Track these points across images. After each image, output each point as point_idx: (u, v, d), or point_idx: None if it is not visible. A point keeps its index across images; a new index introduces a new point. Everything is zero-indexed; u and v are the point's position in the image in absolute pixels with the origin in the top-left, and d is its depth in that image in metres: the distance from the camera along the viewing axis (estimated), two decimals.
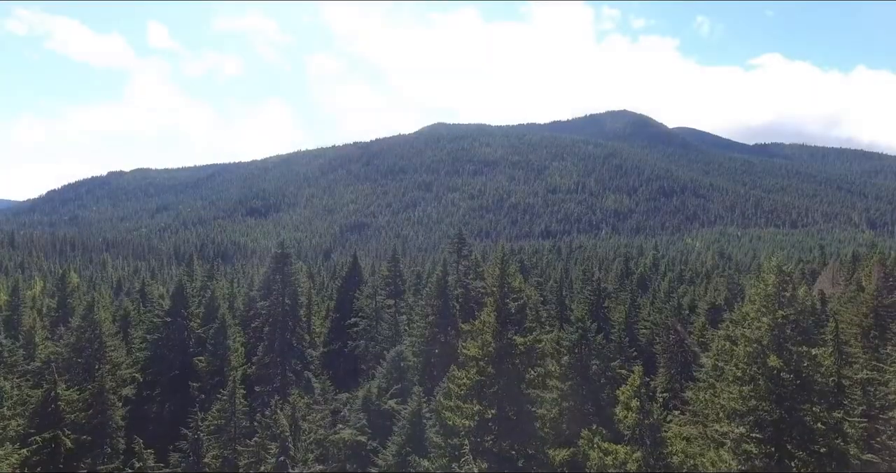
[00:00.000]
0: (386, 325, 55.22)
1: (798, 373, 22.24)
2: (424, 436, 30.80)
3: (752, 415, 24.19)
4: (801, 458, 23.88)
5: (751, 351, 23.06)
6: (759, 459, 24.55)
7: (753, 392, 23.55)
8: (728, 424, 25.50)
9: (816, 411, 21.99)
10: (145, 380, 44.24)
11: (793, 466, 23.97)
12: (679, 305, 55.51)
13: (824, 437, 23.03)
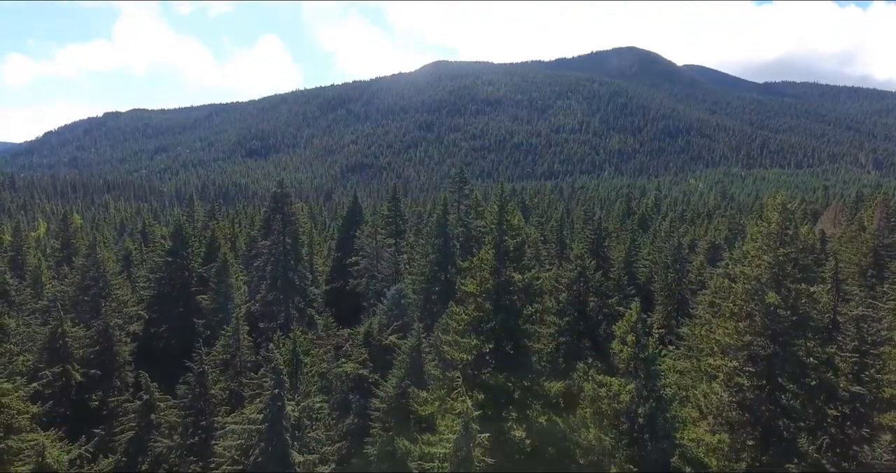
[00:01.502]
0: (386, 264, 55.63)
1: (795, 310, 22.39)
2: (424, 369, 31.58)
3: (746, 350, 24.60)
4: (792, 391, 24.46)
5: (749, 289, 23.13)
6: (750, 391, 25.18)
7: (749, 328, 23.83)
8: (722, 358, 26.00)
9: (810, 346, 22.32)
10: (151, 318, 45.01)
11: (782, 398, 24.61)
12: (679, 244, 55.56)
13: (815, 371, 23.51)
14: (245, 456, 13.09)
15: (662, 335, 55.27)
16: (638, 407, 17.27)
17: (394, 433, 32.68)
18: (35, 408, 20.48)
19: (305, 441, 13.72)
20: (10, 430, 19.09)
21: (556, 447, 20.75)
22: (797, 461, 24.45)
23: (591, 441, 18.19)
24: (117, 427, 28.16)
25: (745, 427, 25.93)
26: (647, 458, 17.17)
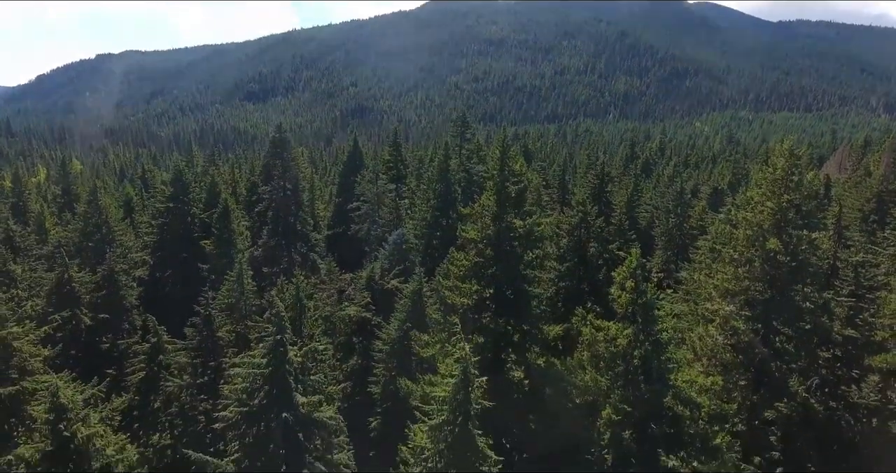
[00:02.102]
0: (387, 209, 55.56)
1: (794, 256, 22.47)
2: (425, 313, 32.18)
3: (744, 295, 24.90)
4: (786, 334, 24.95)
5: (750, 235, 23.13)
6: (745, 335, 25.68)
7: (748, 273, 24.01)
8: (719, 303, 26.36)
9: (807, 292, 22.54)
10: (155, 263, 45.48)
11: (776, 341, 25.14)
12: (681, 190, 55.25)
13: (811, 315, 23.85)
14: (251, 398, 13.55)
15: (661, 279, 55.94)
16: (634, 351, 17.67)
17: (396, 373, 33.73)
18: (47, 351, 21.03)
19: (308, 384, 14.15)
20: (23, 372, 19.69)
21: (553, 387, 21.41)
22: (786, 400, 25.27)
23: (587, 383, 18.73)
24: (128, 368, 29.00)
25: (738, 368, 26.62)
26: (641, 398, 17.72)
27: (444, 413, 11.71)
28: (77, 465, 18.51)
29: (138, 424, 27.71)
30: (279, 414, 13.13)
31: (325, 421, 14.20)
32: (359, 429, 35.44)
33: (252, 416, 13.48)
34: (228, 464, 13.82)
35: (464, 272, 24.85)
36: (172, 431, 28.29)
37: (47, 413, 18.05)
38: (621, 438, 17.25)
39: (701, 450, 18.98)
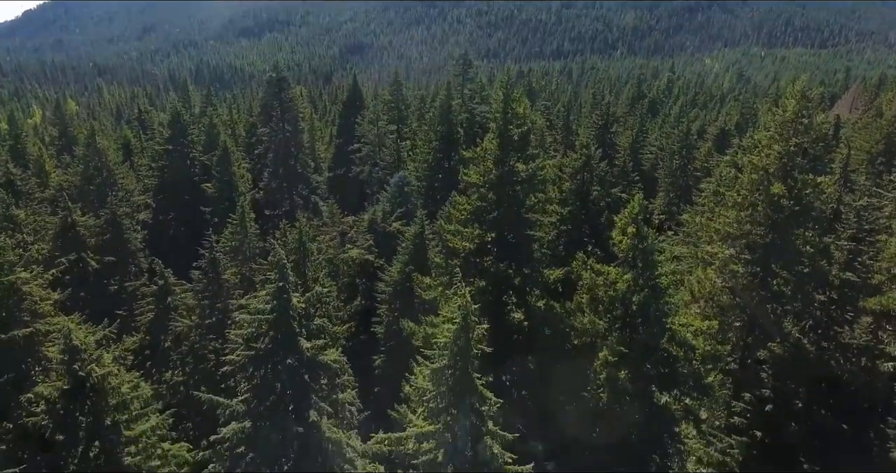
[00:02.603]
0: (388, 151, 54.96)
1: (798, 200, 22.36)
2: (427, 256, 32.49)
3: (744, 239, 24.99)
4: (784, 277, 25.23)
5: (755, 179, 22.92)
6: (743, 278, 26.00)
7: (750, 217, 23.98)
8: (719, 246, 26.51)
9: (808, 236, 22.58)
10: (158, 206, 45.55)
11: (773, 284, 25.47)
12: (687, 131, 54.28)
13: (810, 259, 24.01)
14: (257, 343, 13.93)
15: (662, 221, 56.04)
16: (633, 296, 17.94)
17: (399, 314, 34.49)
18: (56, 295, 21.43)
19: (312, 329, 14.50)
20: (35, 315, 20.14)
21: (552, 329, 21.91)
22: (780, 341, 25.93)
23: (585, 325, 19.15)
24: (137, 309, 29.66)
25: (734, 310, 27.13)
26: (638, 341, 18.17)
27: (446, 357, 12.06)
28: (94, 403, 19.27)
29: (150, 362, 28.65)
30: (285, 358, 13.54)
31: (330, 364, 14.66)
32: (363, 367, 36.67)
33: (258, 360, 13.91)
34: (238, 404, 14.39)
35: (466, 216, 24.86)
36: (184, 369, 29.31)
37: (61, 354, 18.62)
38: (617, 378, 17.84)
39: (693, 388, 19.67)
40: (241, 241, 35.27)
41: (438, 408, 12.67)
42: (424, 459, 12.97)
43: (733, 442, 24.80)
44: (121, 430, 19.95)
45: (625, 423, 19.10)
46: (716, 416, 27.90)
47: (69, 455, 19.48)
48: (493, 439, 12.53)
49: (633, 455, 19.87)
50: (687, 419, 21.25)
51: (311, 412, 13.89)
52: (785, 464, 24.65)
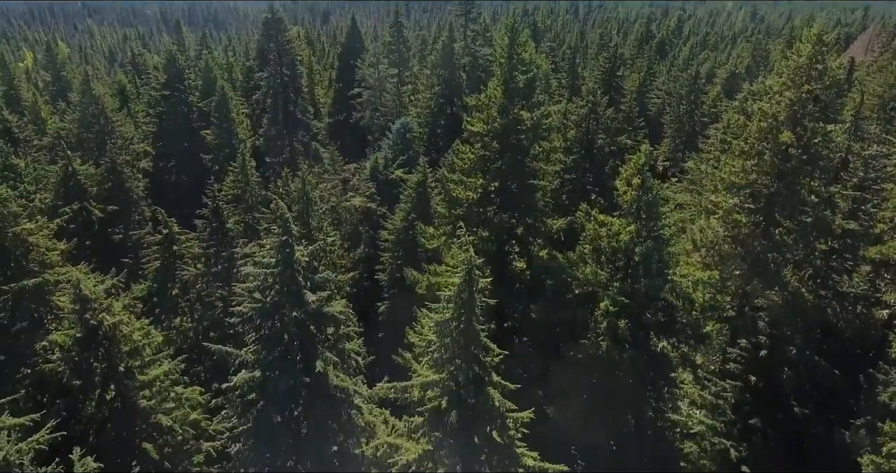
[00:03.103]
0: (390, 96, 53.80)
1: (806, 149, 22.03)
2: (430, 205, 32.45)
3: (750, 188, 24.81)
4: (787, 227, 25.23)
5: (764, 127, 22.48)
6: (746, 227, 26.02)
7: (756, 166, 23.70)
8: (724, 195, 26.37)
9: (814, 185, 22.40)
10: (158, 154, 45.12)
11: (776, 234, 25.51)
12: (696, 74, 52.76)
13: (814, 208, 23.92)
14: (263, 295, 14.16)
15: (667, 168, 55.50)
16: (636, 247, 18.00)
17: (402, 263, 34.83)
18: (63, 245, 21.59)
19: (316, 281, 14.68)
20: (43, 265, 20.39)
21: (554, 279, 22.15)
22: (778, 289, 26.25)
23: (587, 275, 19.34)
24: (144, 258, 29.96)
25: (735, 259, 27.33)
26: (639, 291, 18.40)
27: (450, 310, 12.28)
28: (108, 350, 19.85)
29: (159, 309, 29.23)
30: (291, 311, 13.79)
31: (335, 315, 14.95)
32: (368, 312, 37.43)
33: (265, 312, 14.19)
34: (248, 354, 14.80)
35: (469, 165, 24.63)
36: (192, 315, 29.95)
37: (72, 304, 19.00)
38: (617, 327, 18.20)
39: (691, 337, 20.11)
40: (243, 190, 35.17)
41: (443, 359, 13.03)
42: (429, 406, 13.47)
43: (727, 386, 25.63)
44: (135, 375, 20.66)
45: (623, 369, 19.65)
46: (711, 361, 28.70)
47: (87, 398, 20.27)
48: (495, 388, 12.97)
49: (629, 399, 20.56)
50: (684, 365, 21.86)
51: (317, 362, 14.30)
52: (777, 408, 25.53)
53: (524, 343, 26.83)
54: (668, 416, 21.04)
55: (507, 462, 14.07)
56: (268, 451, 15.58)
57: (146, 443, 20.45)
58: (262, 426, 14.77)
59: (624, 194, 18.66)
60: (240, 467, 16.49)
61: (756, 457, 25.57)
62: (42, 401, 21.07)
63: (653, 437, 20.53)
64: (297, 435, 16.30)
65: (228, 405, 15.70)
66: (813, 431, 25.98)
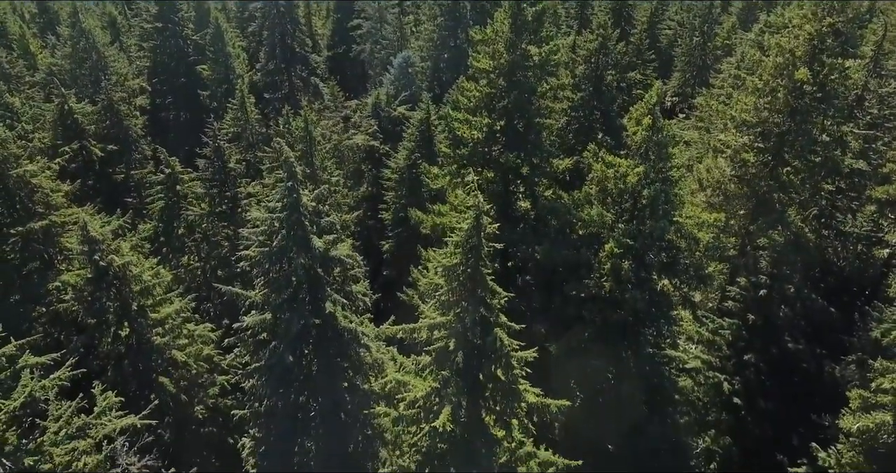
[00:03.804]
0: (391, 28, 51.66)
1: (822, 86, 21.40)
2: (433, 143, 31.97)
3: (761, 127, 24.35)
4: (794, 166, 24.97)
5: (780, 63, 21.74)
6: (754, 166, 25.76)
7: (769, 104, 23.15)
8: (733, 134, 25.92)
9: (826, 124, 21.95)
10: (154, 90, 44.02)
11: (783, 174, 25.29)
12: (711, 4, 50.35)
13: (825, 148, 23.58)
14: (270, 240, 14.25)
15: (675, 103, 54.12)
16: (643, 189, 17.87)
17: (406, 202, 34.76)
18: (66, 186, 21.54)
19: (323, 226, 14.72)
20: (49, 207, 20.43)
21: (558, 219, 22.15)
22: (782, 229, 26.35)
23: (592, 217, 19.34)
24: (147, 198, 29.95)
25: (741, 199, 27.28)
26: (644, 233, 18.45)
27: (458, 255, 12.39)
28: (119, 289, 20.26)
29: (166, 249, 29.53)
30: (298, 255, 13.91)
31: (342, 258, 15.10)
32: (372, 251, 37.82)
33: (273, 256, 14.32)
34: (257, 296, 15.08)
35: (474, 104, 24.04)
36: (199, 255, 30.30)
37: (81, 245, 19.20)
38: (621, 268, 18.40)
39: (693, 277, 20.39)
40: (243, 127, 34.57)
41: (450, 302, 13.29)
42: (436, 346, 13.89)
43: (724, 324, 26.29)
44: (147, 314, 21.21)
45: (624, 308, 20.05)
46: (709, 299, 29.28)
47: (102, 336, 20.93)
48: (501, 329, 13.30)
49: (629, 334, 21.14)
50: (684, 304, 22.30)
51: (326, 304, 14.60)
52: (771, 344, 26.25)
53: (527, 281, 27.23)
54: (666, 352, 21.70)
55: (510, 398, 14.67)
56: (280, 387, 16.22)
57: (162, 377, 21.30)
58: (274, 364, 15.31)
59: (633, 134, 18.32)
60: (254, 401, 17.23)
61: (748, 390, 26.61)
62: (59, 339, 21.78)
63: (650, 372, 21.27)
64: (308, 372, 16.92)
65: (241, 344, 16.19)
66: (804, 366, 26.86)
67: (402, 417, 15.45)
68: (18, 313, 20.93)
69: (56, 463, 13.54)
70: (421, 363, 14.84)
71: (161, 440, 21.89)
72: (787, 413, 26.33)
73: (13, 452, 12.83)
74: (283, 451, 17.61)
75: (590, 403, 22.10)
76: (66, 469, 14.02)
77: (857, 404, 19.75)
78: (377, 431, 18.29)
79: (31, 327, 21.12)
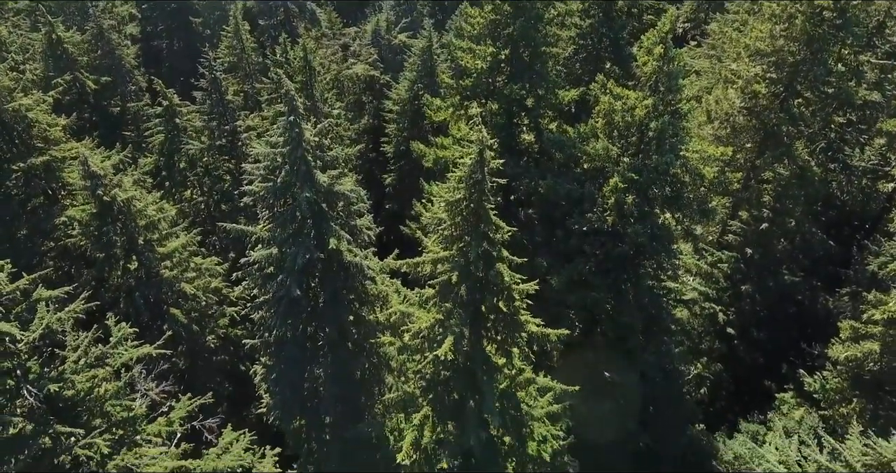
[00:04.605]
0: None
1: (843, 12, 20.45)
2: (436, 73, 31.06)
3: (775, 56, 23.52)
4: (806, 98, 24.35)
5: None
6: (765, 98, 25.13)
7: (786, 31, 22.25)
8: (746, 63, 25.09)
9: (843, 53, 21.18)
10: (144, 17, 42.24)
11: (794, 105, 24.71)
12: None
13: (839, 78, 22.86)
14: (273, 175, 14.18)
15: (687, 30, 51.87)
16: (651, 122, 17.53)
17: (408, 134, 34.26)
18: (63, 121, 21.17)
19: (326, 160, 14.60)
20: (47, 142, 20.20)
21: (563, 153, 21.88)
22: (787, 162, 26.10)
23: (598, 151, 19.09)
24: (146, 131, 29.54)
25: (748, 131, 26.83)
26: (649, 167, 18.29)
27: (461, 190, 12.36)
28: (125, 224, 20.44)
29: (168, 183, 29.46)
30: (302, 190, 13.89)
31: (346, 193, 15.09)
32: (374, 184, 37.72)
33: (277, 191, 14.31)
34: (263, 231, 15.21)
35: (479, 31, 23.13)
36: (202, 189, 30.27)
37: (83, 181, 19.17)
38: (625, 202, 18.38)
39: (696, 211, 20.42)
40: (239, 56, 33.45)
41: (453, 236, 13.41)
42: (440, 280, 14.17)
43: (723, 256, 26.61)
44: (154, 248, 21.53)
45: (625, 241, 20.23)
46: (710, 232, 29.48)
47: (112, 269, 21.35)
48: (503, 263, 13.51)
49: (629, 267, 21.47)
50: (685, 238, 22.48)
51: (331, 239, 14.76)
52: (768, 276, 26.71)
53: (530, 215, 27.31)
54: (665, 284, 22.11)
55: (511, 329, 15.13)
56: (289, 318, 16.72)
57: (174, 309, 21.94)
58: (282, 297, 15.69)
59: (643, 65, 17.74)
60: (264, 331, 17.84)
61: (742, 321, 27.39)
62: (70, 273, 22.21)
63: (648, 303, 21.77)
64: (315, 304, 17.38)
65: (249, 277, 16.52)
66: (799, 298, 27.46)
67: (406, 346, 16.02)
68: (27, 248, 21.21)
69: (78, 390, 14.23)
70: (424, 295, 15.19)
71: (176, 367, 22.89)
72: (779, 343, 27.25)
73: (37, 379, 13.44)
74: (294, 377, 18.42)
75: (588, 333, 22.80)
76: (88, 394, 14.77)
77: (848, 334, 20.42)
78: (383, 359, 19.05)
79: (42, 261, 21.47)
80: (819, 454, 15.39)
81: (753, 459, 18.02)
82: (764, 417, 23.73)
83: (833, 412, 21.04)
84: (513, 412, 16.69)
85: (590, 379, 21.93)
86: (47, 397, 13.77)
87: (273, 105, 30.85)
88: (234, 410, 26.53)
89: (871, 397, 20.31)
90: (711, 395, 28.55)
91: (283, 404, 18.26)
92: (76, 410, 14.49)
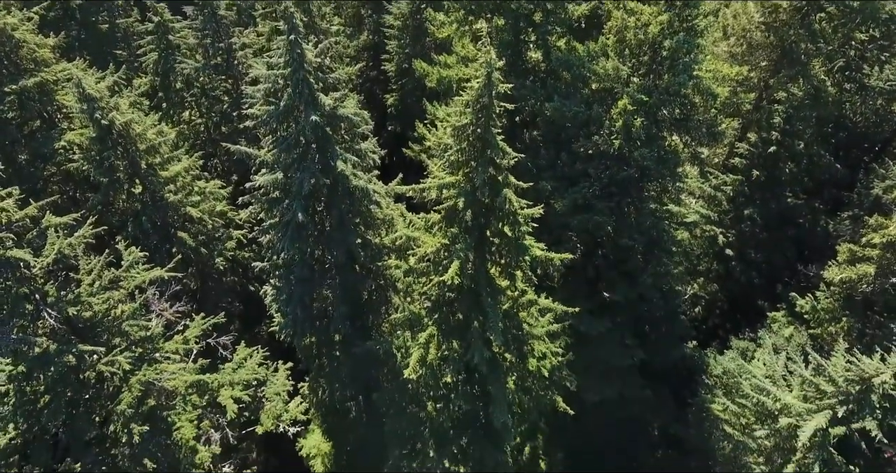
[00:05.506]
0: None
1: None
2: None
3: None
4: (829, 12, 23.18)
5: None
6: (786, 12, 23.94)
7: None
8: None
9: None
10: None
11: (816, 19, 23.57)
12: None
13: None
14: (275, 97, 13.81)
15: None
16: (665, 40, 16.76)
17: (410, 52, 32.97)
18: (51, 40, 20.33)
19: (329, 82, 14.16)
20: (38, 63, 19.51)
21: (571, 73, 21.11)
22: (801, 81, 25.29)
23: (607, 71, 18.41)
24: (139, 50, 28.47)
25: (765, 49, 25.79)
26: (660, 88, 17.74)
27: (468, 115, 12.09)
28: (126, 148, 20.21)
29: (165, 104, 28.79)
30: (306, 114, 13.59)
31: (350, 117, 14.79)
32: (375, 104, 36.81)
33: (280, 115, 14.00)
34: (266, 155, 15.06)
35: None
36: (200, 110, 29.62)
37: (79, 104, 18.72)
38: (633, 125, 18.00)
39: (705, 134, 20.04)
40: None
41: (459, 161, 13.29)
42: (445, 205, 14.20)
43: (727, 180, 26.48)
44: (157, 172, 21.43)
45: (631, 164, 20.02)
46: (716, 155, 29.12)
47: (117, 193, 21.38)
48: (509, 189, 13.48)
49: (633, 190, 21.41)
50: (692, 161, 22.24)
51: (337, 163, 14.64)
52: (771, 199, 26.66)
53: (535, 137, 26.84)
54: (668, 207, 22.13)
55: (515, 253, 15.38)
56: (296, 241, 16.95)
57: (181, 232, 22.21)
58: (289, 221, 15.82)
59: None
60: (272, 254, 18.16)
61: (741, 242, 27.69)
62: (75, 197, 22.27)
63: (650, 226, 21.90)
64: (321, 228, 17.56)
65: (255, 201, 16.57)
66: (800, 220, 27.56)
67: (412, 269, 16.37)
68: (30, 173, 21.11)
69: (96, 311, 14.77)
70: (430, 220, 15.29)
71: (187, 288, 23.54)
72: (776, 265, 27.68)
73: (55, 302, 13.92)
74: (304, 298, 18.99)
75: (590, 255, 23.13)
76: (106, 315, 15.35)
77: (845, 257, 20.75)
78: (389, 281, 19.53)
79: (45, 186, 21.45)
80: (804, 369, 16.18)
81: (741, 374, 18.94)
82: (755, 335, 24.59)
83: (822, 331, 21.78)
84: (515, 331, 17.33)
85: (590, 298, 22.56)
86: (67, 319, 14.32)
87: (268, 20, 29.44)
88: (246, 327, 27.61)
89: (859, 316, 20.95)
90: (705, 313, 29.47)
91: (294, 323, 18.93)
92: (96, 330, 15.11)
